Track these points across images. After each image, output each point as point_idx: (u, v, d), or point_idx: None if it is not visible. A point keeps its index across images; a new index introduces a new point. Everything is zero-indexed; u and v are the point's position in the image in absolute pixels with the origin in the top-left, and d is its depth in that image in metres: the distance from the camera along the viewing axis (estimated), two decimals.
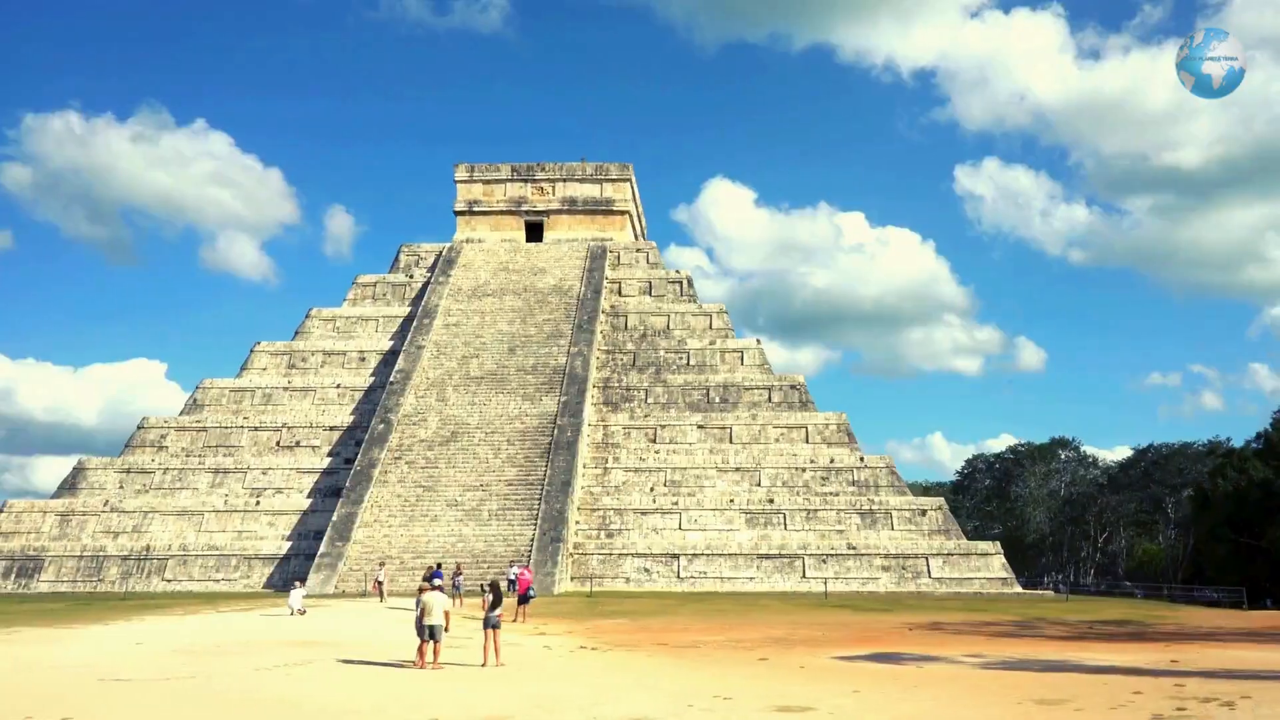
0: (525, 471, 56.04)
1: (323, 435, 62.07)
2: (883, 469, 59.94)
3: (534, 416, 59.80)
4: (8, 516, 57.15)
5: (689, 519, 56.66)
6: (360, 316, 70.33)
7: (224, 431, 62.15)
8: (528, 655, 23.94)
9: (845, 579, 53.32)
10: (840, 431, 62.17)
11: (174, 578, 53.57)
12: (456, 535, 52.25)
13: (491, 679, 19.38)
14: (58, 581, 53.48)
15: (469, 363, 64.26)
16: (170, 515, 57.02)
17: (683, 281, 73.20)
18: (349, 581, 49.64)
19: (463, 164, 78.98)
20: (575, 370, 62.82)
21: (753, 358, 67.46)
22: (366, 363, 67.15)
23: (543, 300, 69.97)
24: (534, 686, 18.25)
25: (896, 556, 54.38)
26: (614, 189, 78.85)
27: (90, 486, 59.21)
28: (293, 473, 59.63)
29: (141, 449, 61.66)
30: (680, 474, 59.30)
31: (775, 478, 59.12)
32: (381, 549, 51.54)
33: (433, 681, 18.97)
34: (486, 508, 53.90)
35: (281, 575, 53.89)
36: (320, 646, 24.68)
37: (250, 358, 67.64)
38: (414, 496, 54.77)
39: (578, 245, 75.93)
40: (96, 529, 56.49)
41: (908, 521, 56.87)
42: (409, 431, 58.87)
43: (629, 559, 54.23)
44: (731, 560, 54.37)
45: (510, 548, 51.36)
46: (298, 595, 36.64)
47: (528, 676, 19.66)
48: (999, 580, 53.78)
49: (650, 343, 67.89)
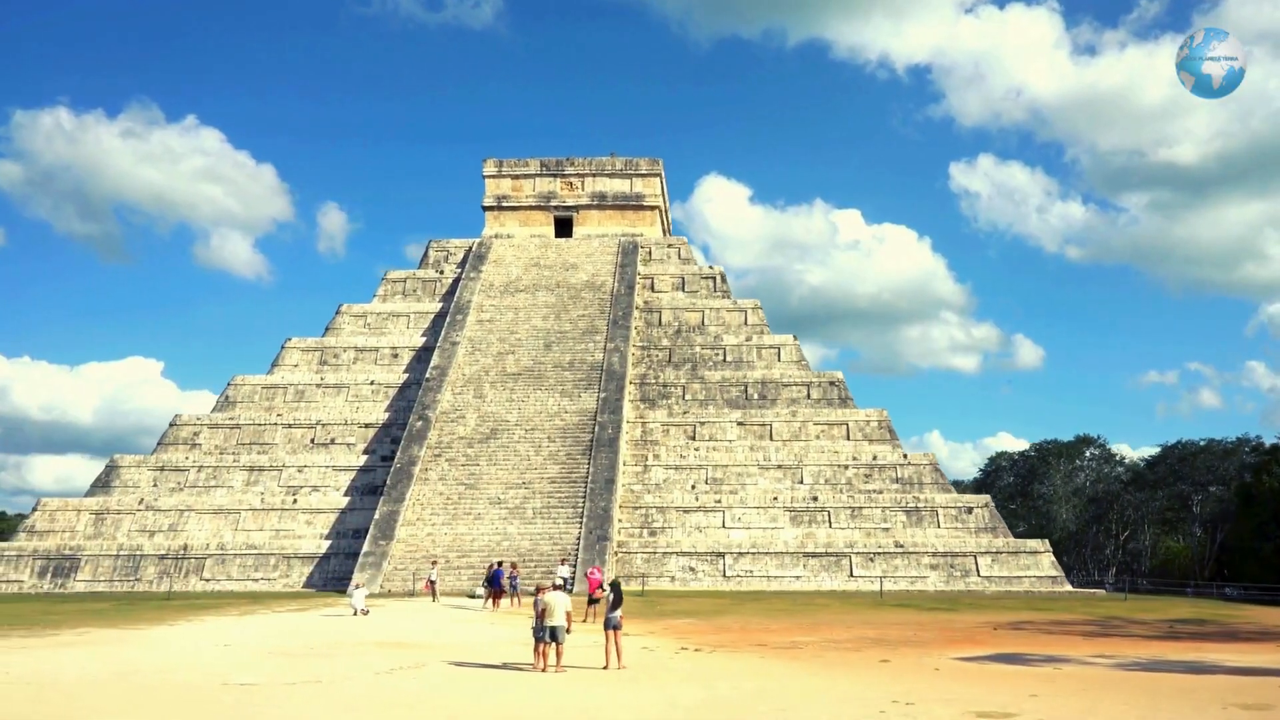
0: (567, 469, 55.25)
1: (357, 432, 61.25)
2: (926, 466, 59.22)
3: (573, 413, 59.01)
4: (42, 515, 56.30)
5: (732, 517, 55.91)
6: (391, 313, 69.50)
7: (257, 429, 61.30)
8: (632, 657, 23.14)
9: (893, 578, 52.56)
10: (881, 428, 61.43)
11: (212, 577, 52.74)
12: (501, 534, 51.45)
13: (629, 683, 18.57)
14: (94, 581, 52.63)
15: (505, 359, 63.45)
16: (206, 514, 56.18)
17: (716, 277, 72.43)
18: (394, 581, 48.81)
19: (491, 159, 78.16)
20: (613, 366, 62.03)
21: (789, 354, 66.70)
22: (399, 359, 66.32)
23: (576, 296, 69.16)
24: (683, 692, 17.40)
25: (944, 555, 53.65)
26: (644, 184, 78.06)
27: (124, 485, 58.35)
28: (329, 470, 58.81)
29: (174, 446, 60.80)
30: (721, 471, 58.54)
31: (818, 475, 58.37)
32: (425, 548, 50.75)
33: (573, 686, 18.13)
34: (530, 506, 53.10)
35: (321, 574, 53.13)
36: (414, 648, 23.89)
37: (281, 354, 66.80)
38: (456, 494, 53.97)
39: (608, 241, 75.12)
40: (132, 528, 55.64)
41: (954, 519, 56.14)
42: (447, 428, 58.06)
43: (673, 557, 53.47)
44: (778, 559, 53.63)
45: (556, 546, 50.57)
46: (360, 595, 35.85)
47: (664, 681, 18.84)
48: (1049, 579, 53.04)
49: (685, 339, 67.11)
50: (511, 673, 19.96)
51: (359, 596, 35.69)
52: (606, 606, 21.37)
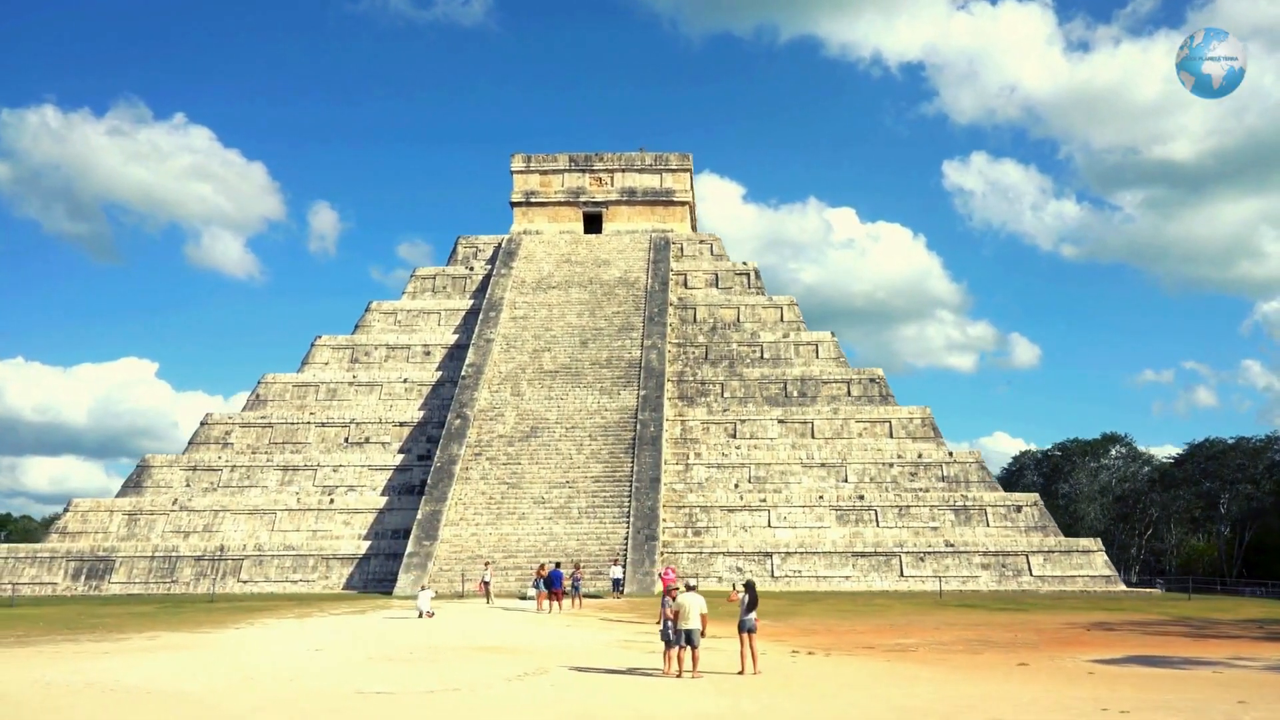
0: (610, 468, 54.21)
1: (392, 431, 60.18)
2: (972, 464, 58.26)
3: (613, 411, 57.97)
4: (74, 516, 55.18)
5: (778, 516, 54.92)
6: (421, 310, 68.41)
7: (290, 428, 60.20)
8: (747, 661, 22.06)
9: (944, 577, 51.54)
10: (925, 426, 60.47)
11: (250, 579, 51.66)
12: (547, 534, 50.41)
13: (781, 690, 17.48)
14: (129, 583, 51.50)
15: (541, 356, 62.40)
16: (241, 514, 55.09)
17: (750, 273, 71.45)
18: (440, 582, 47.69)
19: (519, 154, 77.11)
20: (651, 363, 61.00)
21: (827, 350, 65.72)
22: (431, 357, 65.24)
23: (609, 292, 68.12)
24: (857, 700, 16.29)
25: (995, 554, 52.68)
26: (674, 179, 77.04)
27: (156, 485, 57.24)
28: (364, 470, 57.75)
29: (206, 446, 59.69)
30: (764, 470, 57.55)
31: (862, 473, 57.40)
32: (470, 548, 49.71)
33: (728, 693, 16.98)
34: (575, 505, 52.07)
35: (361, 576, 52.08)
36: (520, 653, 22.85)
37: (311, 351, 65.70)
38: (498, 494, 52.90)
39: (639, 237, 74.09)
40: (166, 528, 54.55)
41: (1003, 518, 55.18)
42: (486, 427, 57.00)
43: (720, 557, 52.45)
44: (826, 558, 52.64)
45: (604, 546, 49.55)
46: (426, 597, 34.84)
47: (820, 689, 17.73)
48: (1103, 578, 52.07)
49: (722, 336, 66.10)
50: (644, 678, 18.94)
51: (424, 598, 34.65)
52: (741, 608, 20.33)
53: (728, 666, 20.23)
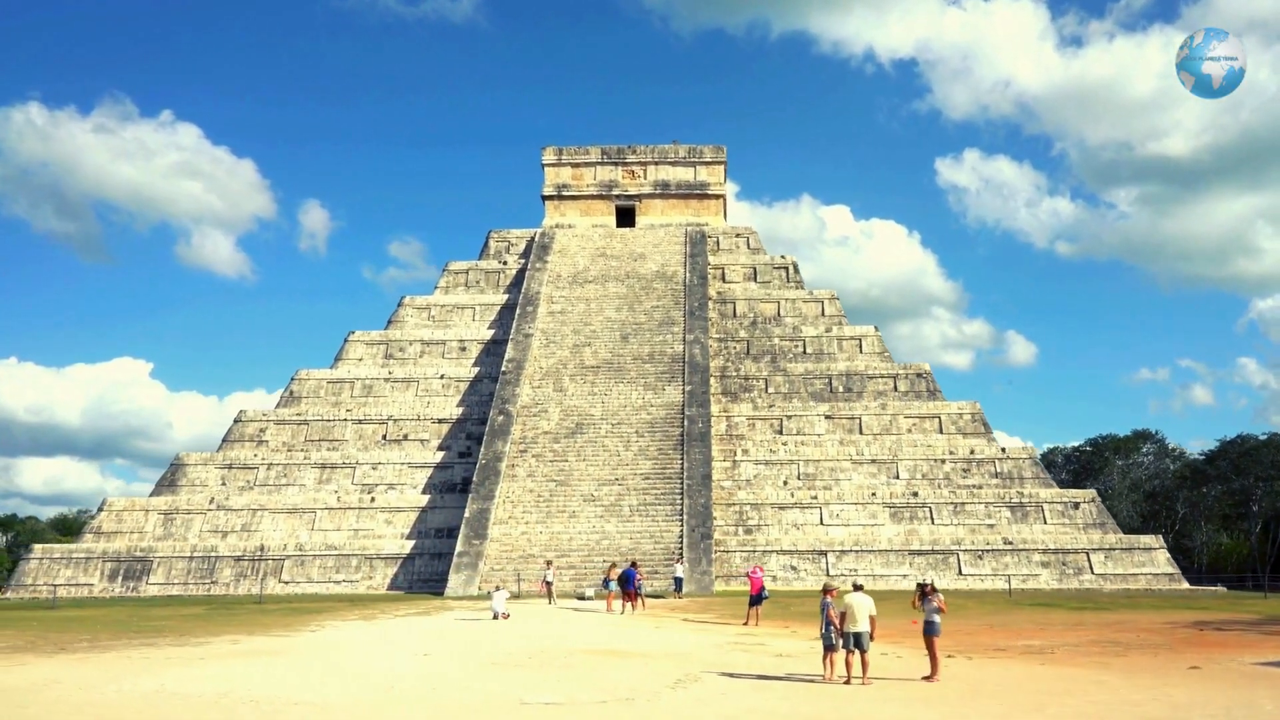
0: (660, 465, 52.88)
1: (431, 428, 58.81)
2: (1026, 460, 56.99)
3: (659, 407, 56.63)
4: (108, 515, 53.76)
5: (830, 514, 53.63)
6: (456, 304, 67.01)
7: (326, 425, 58.81)
8: (893, 665, 20.80)
9: (1003, 575, 50.27)
10: (975, 421, 59.21)
11: (291, 579, 50.30)
12: (600, 532, 49.08)
13: (979, 698, 16.08)
14: (168, 584, 50.11)
15: (582, 351, 61.03)
16: (280, 513, 53.72)
17: (788, 267, 70.13)
18: (491, 582, 46.17)
19: (550, 146, 75.67)
20: (695, 358, 59.65)
21: (871, 345, 64.43)
22: (468, 352, 63.87)
23: (647, 287, 66.75)
24: (1074, 708, 14.96)
25: (1055, 552, 51.42)
26: (708, 172, 75.66)
27: (191, 484, 55.82)
28: (404, 467, 56.38)
29: (240, 444, 58.27)
30: (813, 466, 56.25)
31: (914, 470, 56.11)
32: (521, 547, 48.39)
33: (938, 705, 15.58)
34: (626, 503, 50.73)
35: (406, 576, 50.75)
36: (642, 658, 21.51)
37: (344, 347, 64.30)
38: (547, 491, 51.56)
39: (674, 230, 72.70)
40: (203, 528, 53.16)
41: (1060, 515, 53.92)
42: (530, 423, 55.64)
43: (774, 556, 51.13)
44: (882, 557, 51.38)
45: (659, 545, 48.24)
46: (501, 598, 33.51)
47: (1012, 697, 16.33)
48: (1165, 576, 50.81)
49: (763, 330, 64.78)
50: (811, 685, 17.61)
51: (500, 599, 33.34)
52: (926, 610, 18.94)
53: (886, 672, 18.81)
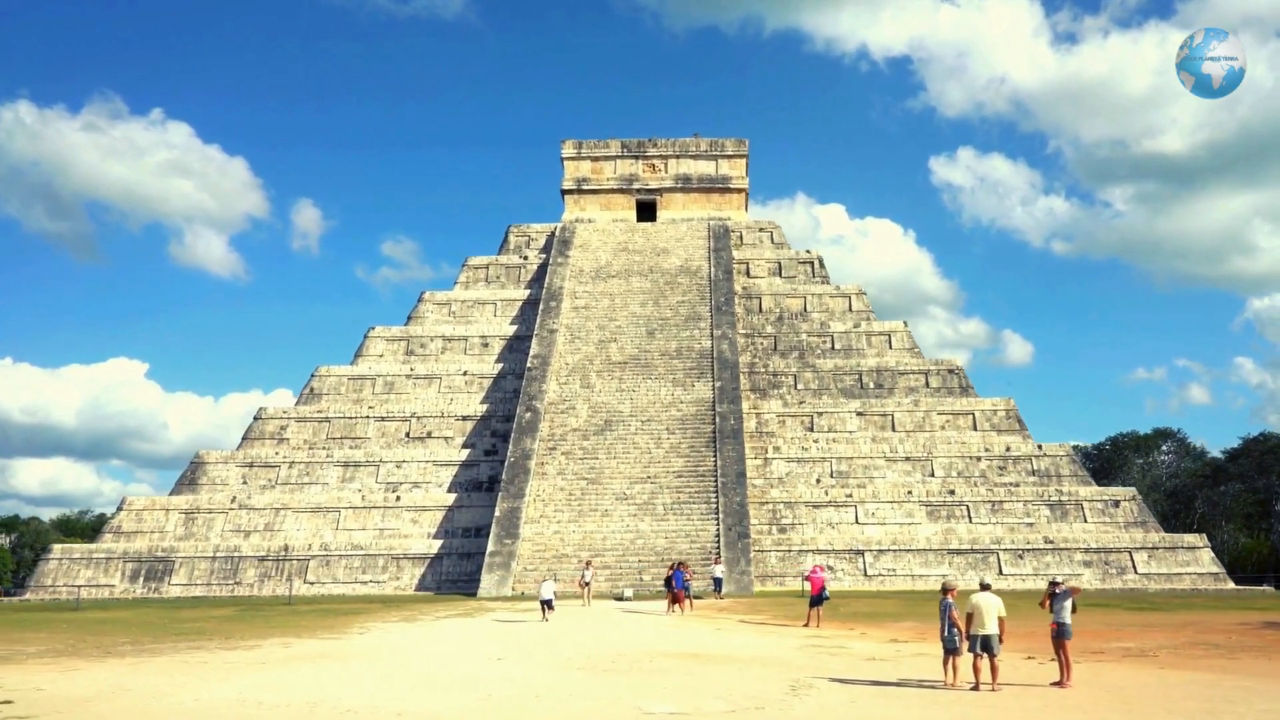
0: (693, 463, 51.72)
1: (454, 425, 57.61)
2: (1063, 457, 55.86)
3: (689, 403, 55.46)
4: (128, 515, 52.50)
5: (865, 512, 52.50)
6: (476, 300, 65.80)
7: (348, 422, 57.59)
8: (1009, 672, 19.58)
9: (1044, 575, 49.04)
10: (1010, 418, 58.07)
11: (317, 580, 49.08)
12: (634, 531, 47.92)
13: (1125, 707, 14.94)
14: (190, 584, 48.88)
15: (607, 347, 59.84)
16: (304, 512, 52.49)
17: (814, 262, 69.00)
18: (525, 582, 45.21)
19: (570, 140, 74.46)
20: (723, 354, 58.49)
21: (901, 341, 63.36)
22: (490, 348, 62.66)
23: (672, 282, 65.57)
24: None
25: (1097, 551, 50.31)
26: (730, 165, 74.50)
27: (212, 482, 54.58)
28: (429, 465, 55.17)
29: (261, 441, 57.02)
30: (847, 464, 55.10)
31: (949, 467, 54.99)
32: (554, 546, 47.22)
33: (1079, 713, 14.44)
34: (659, 501, 49.57)
35: (434, 576, 49.56)
36: (736, 663, 20.34)
37: (365, 343, 63.08)
38: (578, 490, 50.38)
39: (696, 225, 71.53)
40: (225, 528, 51.92)
41: (1100, 513, 52.81)
42: (558, 420, 54.46)
43: (809, 555, 49.86)
44: (920, 556, 50.24)
45: (694, 544, 47.07)
46: (549, 588, 32.77)
47: (1160, 705, 15.19)
48: (1210, 576, 49.70)
49: (790, 326, 63.62)
50: (938, 692, 16.43)
51: (548, 589, 32.50)
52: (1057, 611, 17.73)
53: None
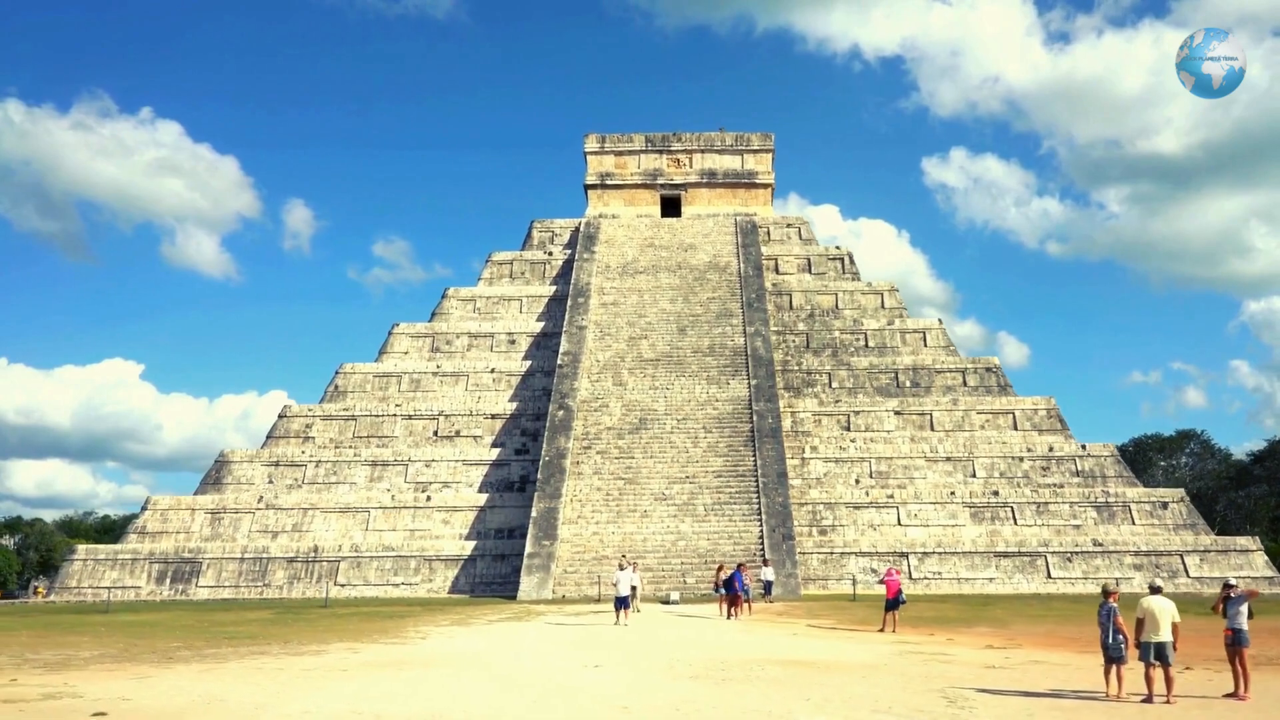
0: (732, 462, 50.45)
1: (483, 424, 56.29)
2: (1108, 458, 54.65)
3: (724, 402, 54.19)
4: (153, 515, 51.12)
5: (908, 513, 51.25)
6: (501, 296, 64.47)
7: (374, 421, 56.24)
8: None
9: (1094, 579, 47.91)
10: (1051, 417, 56.85)
11: (347, 581, 47.70)
12: (675, 533, 46.63)
13: None
14: (218, 586, 47.52)
15: (638, 344, 58.55)
16: (332, 513, 51.15)
17: (844, 258, 67.73)
18: (566, 585, 43.94)
19: (593, 134, 73.22)
20: (757, 351, 57.22)
21: (936, 339, 62.07)
22: (517, 345, 61.34)
23: (701, 278, 64.30)
24: None
25: (1147, 554, 49.11)
26: (756, 160, 73.21)
27: (237, 481, 53.21)
28: (458, 465, 53.83)
29: (286, 440, 55.66)
30: (886, 464, 53.84)
31: (991, 468, 53.76)
32: (594, 548, 45.91)
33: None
34: (700, 502, 48.28)
35: (468, 578, 48.23)
36: (842, 671, 19.07)
37: (389, 340, 61.73)
38: (615, 490, 49.09)
39: (722, 220, 70.26)
40: (252, 528, 50.56)
41: (1148, 515, 51.60)
42: (591, 418, 53.16)
43: (852, 558, 48.73)
44: (966, 559, 48.98)
45: (738, 546, 45.79)
46: (627, 580, 31.38)
47: None
48: (1264, 579, 48.44)
49: (822, 323, 62.35)
50: (1106, 705, 15.17)
51: (626, 580, 31.11)
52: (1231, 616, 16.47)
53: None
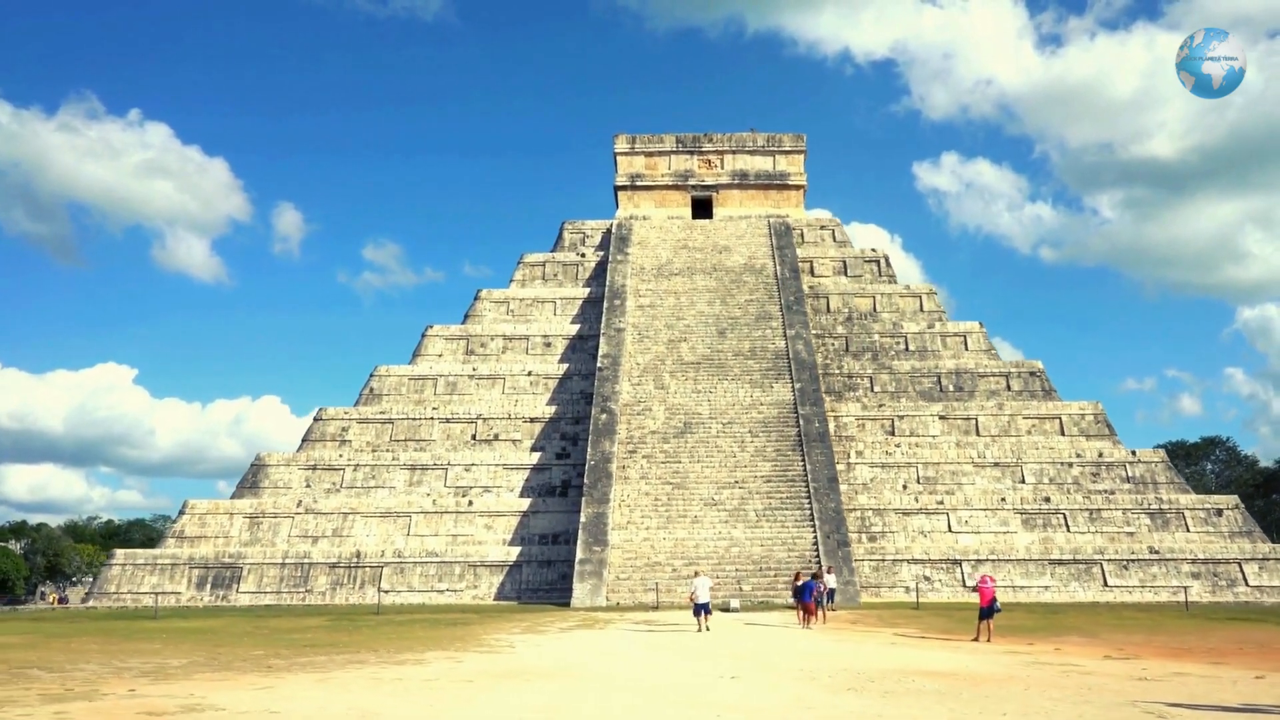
0: (781, 467, 49.52)
1: (522, 427, 55.30)
2: (1158, 464, 53.82)
3: (769, 405, 53.28)
4: (191, 519, 50.02)
5: (958, 520, 50.39)
6: (535, 298, 63.52)
7: (411, 424, 55.23)
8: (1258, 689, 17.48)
9: (1151, 587, 47.10)
10: (1098, 422, 56.02)
11: (391, 588, 46.66)
12: (727, 539, 45.69)
13: None
14: (260, 592, 46.48)
15: (678, 346, 57.63)
16: (373, 517, 50.13)
17: (880, 260, 66.90)
18: (619, 592, 42.95)
19: (622, 135, 72.33)
20: (799, 354, 56.32)
21: (977, 342, 61.23)
22: (553, 348, 60.38)
23: (737, 280, 63.40)
24: None
25: (1205, 562, 48.21)
26: (788, 161, 72.37)
27: (274, 485, 52.15)
28: (498, 469, 52.83)
29: (322, 443, 54.62)
30: (933, 470, 52.97)
31: (1040, 474, 52.89)
32: (645, 554, 44.95)
33: None
34: (750, 507, 47.34)
35: (514, 585, 47.22)
36: (983, 682, 18.16)
37: (423, 343, 60.74)
38: (664, 495, 48.12)
39: (755, 222, 69.39)
40: (292, 533, 49.51)
41: (1203, 522, 50.77)
42: (635, 422, 52.22)
43: (904, 565, 47.80)
44: (1020, 566, 48.07)
45: (792, 552, 44.85)
46: (705, 585, 30.48)
47: None
48: None
49: (861, 326, 61.50)
50: None
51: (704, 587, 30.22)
52: None
53: None
